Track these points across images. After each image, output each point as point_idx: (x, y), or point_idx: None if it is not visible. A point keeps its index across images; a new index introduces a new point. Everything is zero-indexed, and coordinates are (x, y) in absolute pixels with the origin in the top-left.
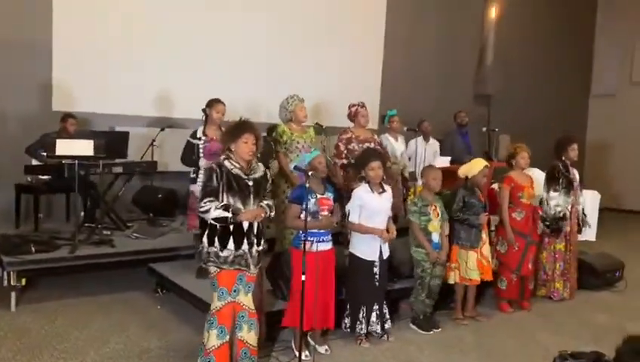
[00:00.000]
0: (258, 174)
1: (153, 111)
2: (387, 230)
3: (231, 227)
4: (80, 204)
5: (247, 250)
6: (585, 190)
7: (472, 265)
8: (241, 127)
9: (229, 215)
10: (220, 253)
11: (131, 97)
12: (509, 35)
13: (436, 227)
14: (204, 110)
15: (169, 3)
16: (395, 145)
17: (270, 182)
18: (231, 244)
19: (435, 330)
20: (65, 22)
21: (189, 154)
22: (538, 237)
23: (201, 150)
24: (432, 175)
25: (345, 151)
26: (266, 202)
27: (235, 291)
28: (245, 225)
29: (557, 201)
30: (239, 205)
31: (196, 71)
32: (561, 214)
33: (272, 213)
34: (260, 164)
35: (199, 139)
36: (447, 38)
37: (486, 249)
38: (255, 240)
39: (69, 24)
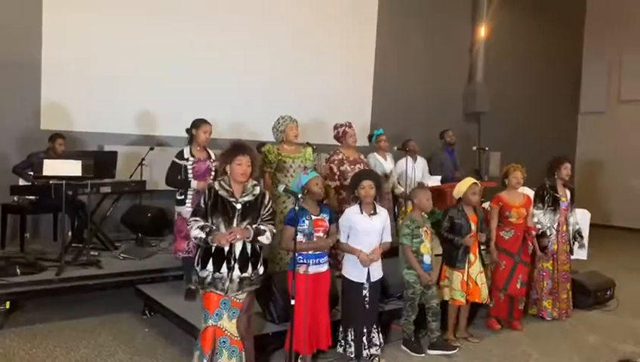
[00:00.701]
0: (250, 197)
1: (142, 129)
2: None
3: (212, 248)
4: (67, 224)
5: (225, 274)
6: (575, 209)
7: (457, 285)
8: (235, 149)
9: (203, 235)
10: (200, 273)
11: (120, 116)
12: (499, 53)
13: (428, 249)
14: (188, 130)
15: (157, 24)
16: (385, 164)
17: (269, 204)
18: (210, 266)
19: (452, 352)
20: (54, 41)
21: (175, 175)
22: (529, 258)
23: (189, 171)
24: (426, 195)
25: (337, 173)
26: (261, 226)
27: (217, 315)
28: (226, 247)
29: (538, 219)
30: (222, 227)
31: (184, 89)
32: (540, 232)
33: (265, 239)
34: (257, 187)
35: (187, 160)
36: (436, 56)
37: (474, 270)
38: (237, 265)
39: (58, 43)
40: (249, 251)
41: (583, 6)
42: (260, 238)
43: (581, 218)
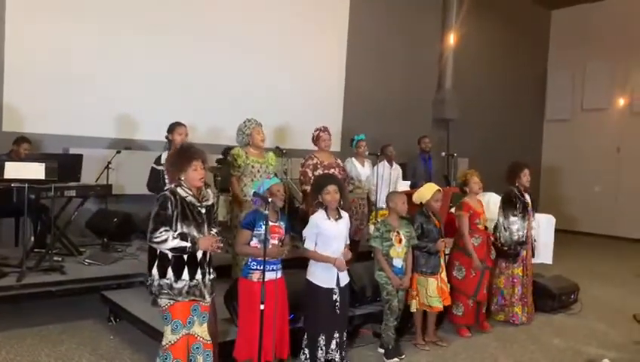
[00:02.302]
0: (210, 201)
1: (110, 132)
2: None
3: (185, 257)
4: (30, 228)
5: (200, 280)
6: (539, 214)
7: (433, 292)
8: (189, 155)
9: (188, 244)
10: (175, 285)
11: (87, 118)
12: (467, 61)
13: (399, 253)
14: (166, 136)
15: (126, 26)
16: (361, 169)
17: (216, 208)
18: (185, 275)
19: (399, 357)
20: (17, 41)
21: (155, 181)
22: (492, 263)
23: (167, 177)
24: (402, 199)
25: (312, 177)
26: (214, 230)
27: (189, 322)
28: (199, 254)
29: (518, 226)
30: (194, 234)
31: (155, 93)
32: (521, 240)
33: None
34: (208, 190)
35: (163, 165)
36: (407, 63)
37: (444, 274)
38: (207, 269)
39: (21, 43)
40: (211, 254)
41: (549, 18)
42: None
43: (546, 223)
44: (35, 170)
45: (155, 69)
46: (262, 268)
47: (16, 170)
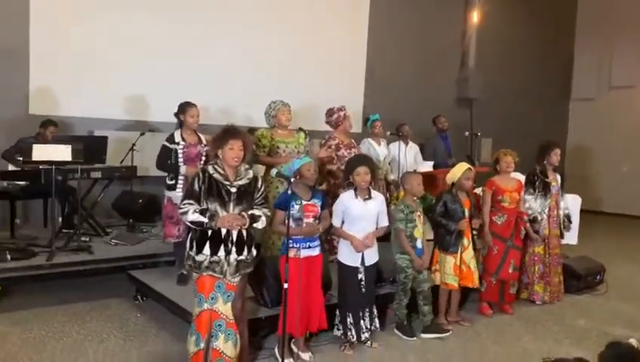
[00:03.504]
0: (245, 181)
1: (133, 115)
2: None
3: (209, 232)
4: (58, 209)
5: (223, 258)
6: (566, 194)
7: (449, 269)
8: (227, 134)
9: (205, 220)
10: (196, 257)
11: (110, 101)
12: (491, 39)
13: (421, 233)
14: (176, 115)
15: (146, 8)
16: (378, 149)
17: (262, 188)
18: (207, 249)
19: (445, 335)
20: (42, 26)
21: (165, 159)
22: (521, 242)
23: (180, 156)
24: (417, 180)
25: (334, 158)
26: (256, 212)
27: (212, 298)
28: (223, 231)
29: (529, 204)
30: (218, 211)
31: (175, 74)
32: (532, 217)
33: (260, 224)
34: (249, 171)
35: (177, 143)
36: (429, 41)
37: (467, 255)
38: (234, 248)
39: (46, 28)
40: (244, 234)
41: None
42: (255, 224)
43: (572, 203)
44: (62, 152)
45: (176, 51)
46: (297, 246)
47: (43, 153)
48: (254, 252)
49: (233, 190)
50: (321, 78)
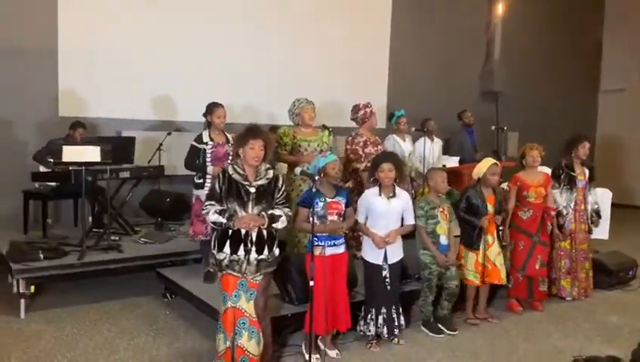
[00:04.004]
0: (264, 181)
1: (159, 115)
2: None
3: (229, 231)
4: (88, 209)
5: (242, 256)
6: (596, 188)
7: (471, 266)
8: (248, 133)
9: (224, 220)
10: (217, 256)
11: (137, 102)
12: (516, 31)
13: (445, 229)
14: (204, 115)
15: (172, 9)
16: (403, 145)
17: (282, 188)
18: (227, 248)
19: (450, 332)
20: (70, 28)
21: (194, 159)
22: (548, 238)
23: (208, 155)
24: (441, 177)
25: (362, 155)
26: (276, 211)
27: (235, 296)
28: (243, 231)
29: (554, 198)
30: (237, 211)
31: (200, 74)
32: (557, 211)
33: (280, 223)
34: (270, 170)
35: (206, 143)
36: (453, 34)
37: (492, 251)
38: (253, 248)
39: (74, 31)
40: (265, 234)
41: None
42: (274, 224)
43: (602, 197)
44: (91, 153)
45: (201, 51)
46: (323, 243)
47: (73, 154)
48: (276, 251)
49: (252, 190)
50: (344, 74)
